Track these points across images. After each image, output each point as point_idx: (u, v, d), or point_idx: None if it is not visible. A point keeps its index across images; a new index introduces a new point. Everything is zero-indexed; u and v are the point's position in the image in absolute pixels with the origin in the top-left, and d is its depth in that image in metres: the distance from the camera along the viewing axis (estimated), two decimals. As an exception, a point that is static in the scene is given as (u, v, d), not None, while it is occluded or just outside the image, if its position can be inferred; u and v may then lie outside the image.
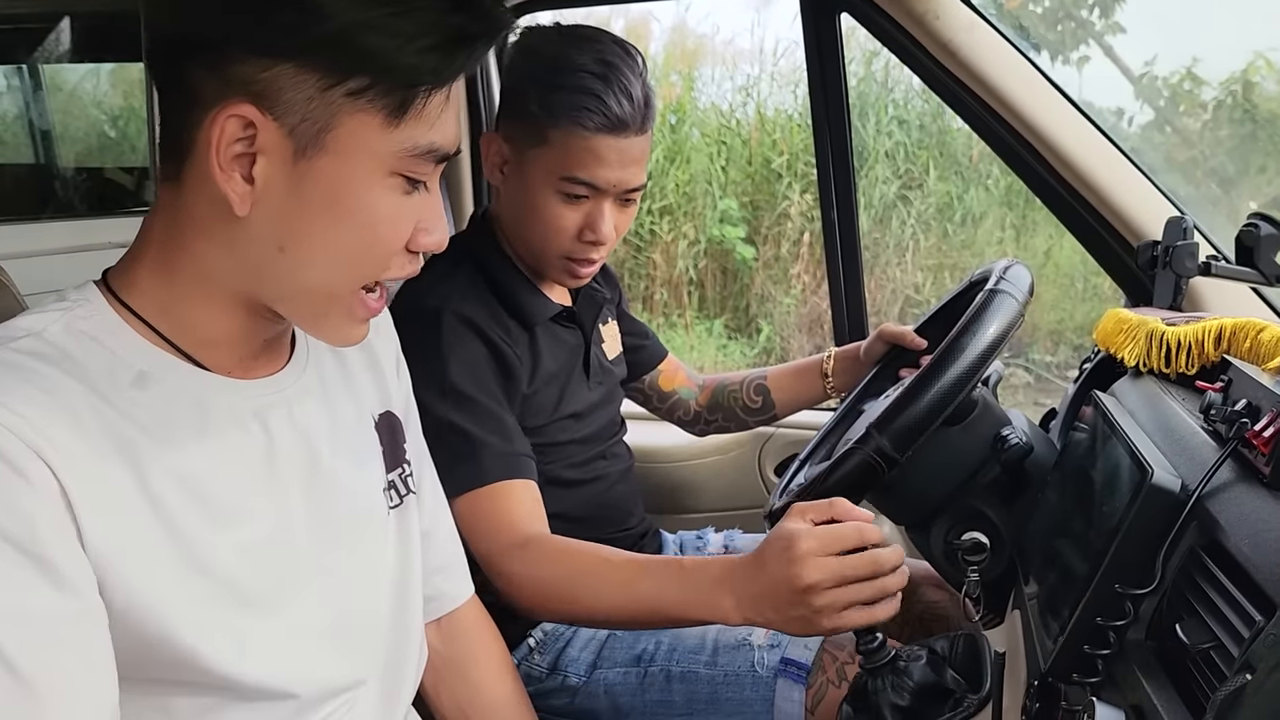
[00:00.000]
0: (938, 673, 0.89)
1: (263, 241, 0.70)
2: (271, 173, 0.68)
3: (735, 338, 5.28)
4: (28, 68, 1.82)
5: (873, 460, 1.00)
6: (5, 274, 0.86)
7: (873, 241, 5.03)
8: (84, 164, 1.94)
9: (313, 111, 0.67)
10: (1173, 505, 0.74)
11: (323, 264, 0.71)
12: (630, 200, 1.22)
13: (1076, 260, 4.80)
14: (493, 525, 1.11)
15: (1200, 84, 4.30)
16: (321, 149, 0.68)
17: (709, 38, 5.60)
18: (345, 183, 0.69)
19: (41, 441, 0.62)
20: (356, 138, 0.68)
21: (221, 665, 0.70)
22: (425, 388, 1.04)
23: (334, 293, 0.74)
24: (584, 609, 1.06)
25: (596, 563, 1.06)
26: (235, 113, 0.66)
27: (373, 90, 0.67)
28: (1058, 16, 4.36)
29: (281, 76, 0.66)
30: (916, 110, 5.17)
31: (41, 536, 0.61)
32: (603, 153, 1.15)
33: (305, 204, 0.69)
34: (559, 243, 1.21)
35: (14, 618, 0.60)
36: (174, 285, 0.72)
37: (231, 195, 0.67)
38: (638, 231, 5.23)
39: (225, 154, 0.67)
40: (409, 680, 0.91)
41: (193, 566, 0.69)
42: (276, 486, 0.76)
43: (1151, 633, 0.76)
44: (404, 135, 0.69)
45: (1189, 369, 1.01)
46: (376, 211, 0.71)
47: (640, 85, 1.17)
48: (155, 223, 0.73)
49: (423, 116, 0.70)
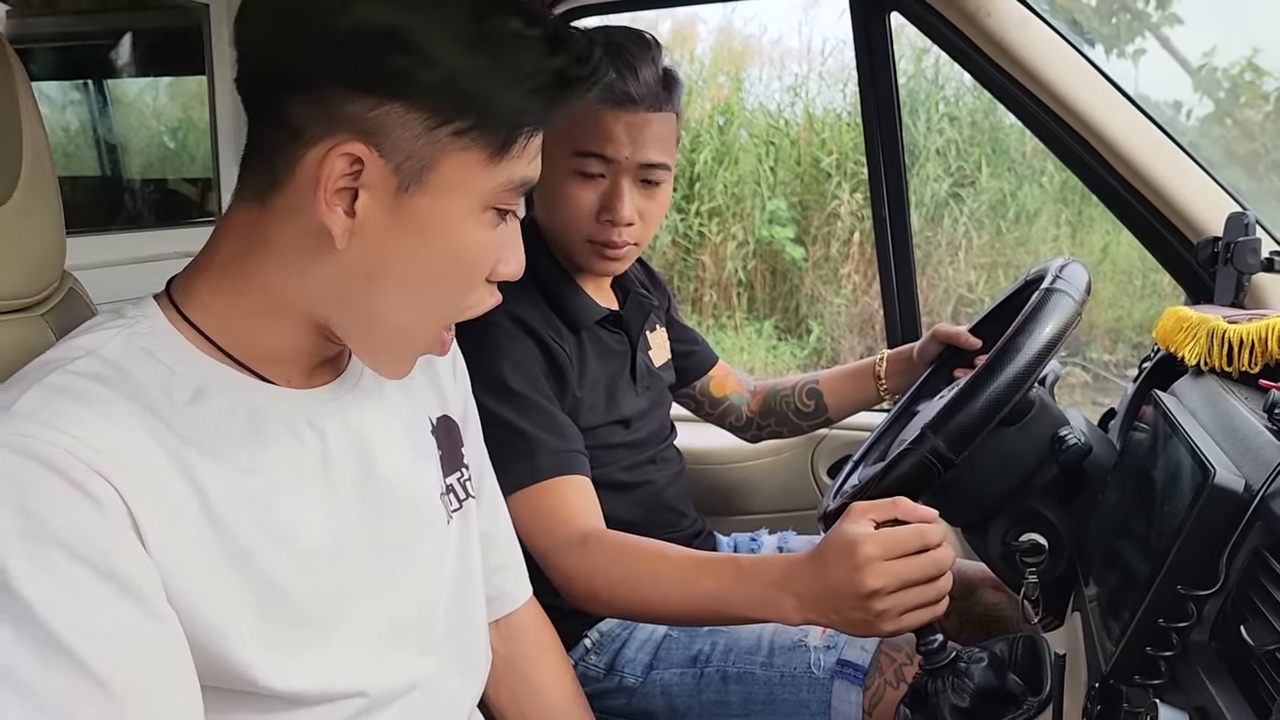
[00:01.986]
0: (998, 675, 0.89)
1: (353, 272, 0.71)
2: (374, 208, 0.69)
3: (785, 339, 5.26)
4: (94, 83, 1.87)
5: (928, 461, 0.99)
6: (79, 284, 0.88)
7: (924, 240, 4.98)
8: (148, 176, 1.99)
9: (418, 150, 0.68)
10: (1236, 505, 0.73)
11: (407, 295, 0.73)
12: (652, 182, 1.23)
13: (1135, 257, 4.72)
14: (549, 521, 1.12)
15: (1262, 74, 4.21)
16: (423, 185, 0.69)
17: (756, 38, 5.59)
18: (444, 218, 0.70)
19: (101, 461, 0.62)
20: (458, 175, 0.70)
21: (277, 677, 0.71)
22: (480, 388, 1.06)
23: (410, 326, 0.75)
24: (642, 605, 1.07)
25: (655, 559, 1.06)
26: (345, 150, 0.67)
27: (477, 130, 0.69)
28: (1112, 9, 4.29)
29: (390, 116, 0.67)
30: (968, 107, 5.12)
31: (115, 553, 0.62)
32: (608, 125, 1.18)
33: (402, 238, 0.70)
34: (579, 225, 1.23)
35: (101, 637, 0.62)
36: (240, 302, 0.73)
37: (334, 228, 0.68)
38: (686, 233, 5.24)
39: (331, 189, 0.68)
40: (473, 686, 0.91)
41: (251, 580, 0.70)
42: (333, 494, 0.77)
43: (1215, 634, 0.75)
44: (503, 172, 0.71)
45: (1252, 367, 1.00)
46: (467, 244, 0.72)
47: (651, 67, 1.20)
48: (226, 238, 0.74)
49: (523, 155, 0.72)
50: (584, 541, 1.10)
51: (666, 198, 1.27)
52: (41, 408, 0.63)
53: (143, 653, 0.63)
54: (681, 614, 1.05)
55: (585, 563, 1.09)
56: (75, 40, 1.82)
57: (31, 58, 1.68)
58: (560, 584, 1.11)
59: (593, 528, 1.12)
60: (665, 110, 1.21)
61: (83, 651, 0.60)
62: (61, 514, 0.61)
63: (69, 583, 0.61)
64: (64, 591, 0.61)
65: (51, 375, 0.66)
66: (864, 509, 0.93)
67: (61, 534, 0.61)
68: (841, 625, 0.93)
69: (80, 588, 0.61)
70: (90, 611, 0.62)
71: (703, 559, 1.06)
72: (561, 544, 1.11)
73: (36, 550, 0.60)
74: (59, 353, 0.69)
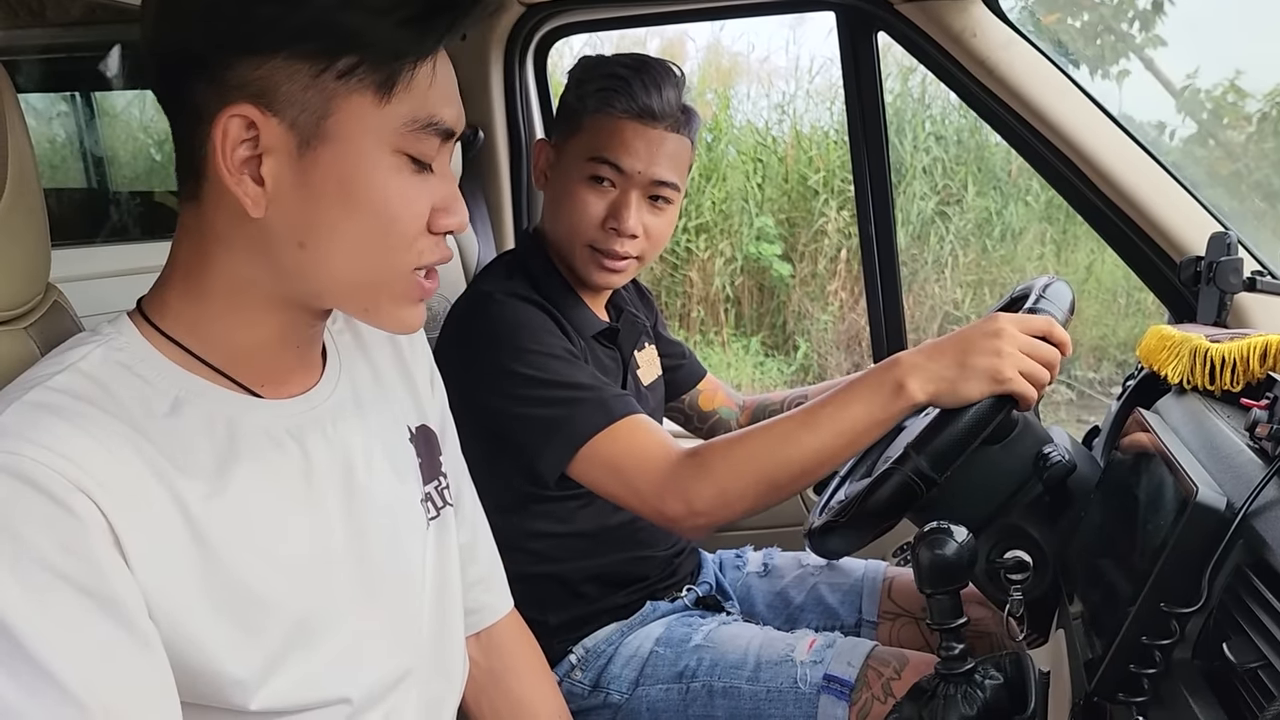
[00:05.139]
0: (1009, 697, 0.89)
1: (283, 241, 0.71)
2: (279, 170, 0.69)
3: (772, 355, 5.27)
4: (80, 95, 1.87)
5: (911, 480, 1.00)
6: (64, 296, 0.88)
7: (911, 257, 5.01)
8: (134, 188, 1.99)
9: (309, 101, 0.68)
10: (1218, 523, 0.74)
11: (345, 254, 0.72)
12: (660, 199, 1.26)
13: (1119, 275, 4.75)
14: (642, 455, 1.12)
15: (1244, 96, 4.25)
16: (323, 138, 0.69)
17: (744, 56, 5.63)
18: (351, 168, 0.70)
19: (84, 477, 0.62)
20: (353, 120, 0.69)
21: (262, 691, 0.70)
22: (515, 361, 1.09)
23: (369, 281, 0.74)
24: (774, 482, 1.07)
25: (758, 432, 1.08)
26: (235, 113, 0.67)
27: (361, 68, 0.69)
28: (1097, 31, 4.34)
29: (274, 71, 0.68)
30: (954, 126, 5.15)
31: (97, 570, 0.62)
32: (628, 136, 1.22)
33: (316, 196, 0.70)
34: (585, 229, 1.25)
35: (83, 659, 0.61)
36: (204, 303, 0.74)
37: (244, 198, 0.69)
38: (674, 250, 5.25)
39: (232, 158, 0.68)
40: (452, 692, 0.91)
41: (235, 592, 0.70)
42: (314, 504, 0.77)
43: (1198, 652, 0.76)
44: (398, 110, 0.70)
45: (1234, 386, 1.00)
46: (386, 193, 0.72)
47: (675, 90, 1.24)
48: (180, 244, 0.75)
49: (412, 89, 0.71)
50: (694, 455, 1.10)
51: (672, 219, 1.30)
52: (22, 424, 0.63)
53: (124, 675, 0.63)
54: (819, 463, 1.06)
55: (707, 473, 1.08)
56: (62, 52, 1.82)
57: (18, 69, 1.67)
58: (680, 510, 1.09)
59: (687, 447, 1.12)
60: (682, 134, 1.26)
61: (65, 676, 0.60)
62: (44, 532, 0.61)
63: (52, 603, 0.61)
64: (47, 612, 0.60)
65: (31, 392, 0.66)
66: (1009, 317, 1.04)
67: (44, 552, 0.60)
68: (964, 375, 1.00)
69: (62, 608, 0.61)
70: (72, 633, 0.61)
71: (806, 407, 1.08)
72: (673, 468, 1.10)
73: (19, 570, 0.60)
74: (39, 370, 0.69)
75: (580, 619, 1.30)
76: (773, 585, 1.49)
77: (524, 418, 1.15)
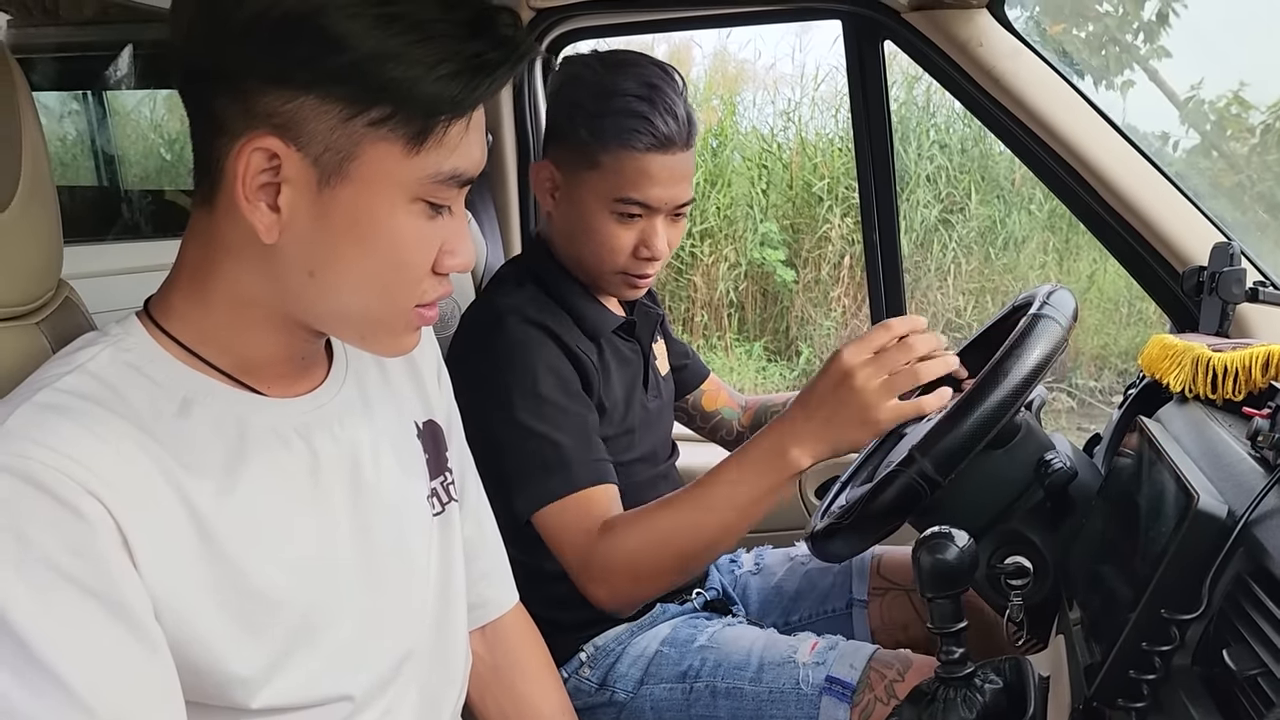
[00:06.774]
0: (1008, 701, 0.90)
1: (293, 267, 0.71)
2: (297, 201, 0.68)
3: (775, 360, 5.28)
4: (92, 94, 1.88)
5: (915, 483, 1.00)
6: (75, 293, 0.88)
7: (914, 265, 5.01)
8: (145, 187, 2.00)
9: (335, 141, 0.67)
10: (1219, 531, 0.74)
11: (352, 288, 0.72)
12: (680, 215, 1.27)
13: (1121, 285, 4.76)
14: (582, 528, 1.15)
15: (1248, 108, 4.26)
16: (345, 177, 0.68)
17: (750, 63, 5.65)
18: (368, 210, 0.69)
19: (91, 479, 0.62)
20: (379, 166, 0.68)
21: (266, 689, 0.71)
22: (513, 399, 1.08)
23: (371, 315, 0.74)
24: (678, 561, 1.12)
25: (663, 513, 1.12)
26: (260, 145, 0.66)
27: (394, 119, 0.67)
28: (1102, 41, 4.34)
29: (304, 108, 0.66)
30: (958, 134, 5.16)
31: (105, 573, 0.62)
32: (654, 171, 1.20)
33: (330, 231, 0.69)
34: (615, 261, 1.26)
35: (89, 662, 0.62)
36: (210, 310, 0.73)
37: (258, 225, 0.68)
38: (679, 254, 5.26)
39: (250, 185, 0.67)
40: (453, 687, 0.91)
41: (241, 592, 0.70)
42: (321, 503, 0.77)
43: (1198, 659, 0.76)
44: (425, 162, 0.69)
45: (1236, 395, 1.01)
46: (400, 237, 0.71)
47: (682, 103, 1.23)
48: (188, 247, 0.74)
49: (444, 144, 0.69)
50: (607, 528, 1.13)
51: (685, 222, 1.31)
52: (31, 426, 0.63)
53: (131, 678, 0.63)
54: (723, 538, 1.12)
55: (612, 548, 1.12)
56: (76, 51, 1.83)
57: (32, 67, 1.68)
58: (598, 584, 1.14)
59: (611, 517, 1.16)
60: (692, 145, 1.26)
61: (71, 679, 0.60)
62: (52, 535, 0.61)
63: (59, 606, 0.61)
64: (53, 615, 0.61)
65: (40, 393, 0.66)
66: None
67: (52, 555, 0.61)
68: (842, 436, 1.03)
69: (70, 610, 0.61)
70: (79, 636, 0.62)
71: (701, 483, 1.12)
72: (593, 543, 1.14)
73: (27, 573, 0.60)
74: (47, 371, 0.69)
75: (592, 619, 1.30)
76: (766, 581, 1.51)
77: (512, 453, 1.18)
